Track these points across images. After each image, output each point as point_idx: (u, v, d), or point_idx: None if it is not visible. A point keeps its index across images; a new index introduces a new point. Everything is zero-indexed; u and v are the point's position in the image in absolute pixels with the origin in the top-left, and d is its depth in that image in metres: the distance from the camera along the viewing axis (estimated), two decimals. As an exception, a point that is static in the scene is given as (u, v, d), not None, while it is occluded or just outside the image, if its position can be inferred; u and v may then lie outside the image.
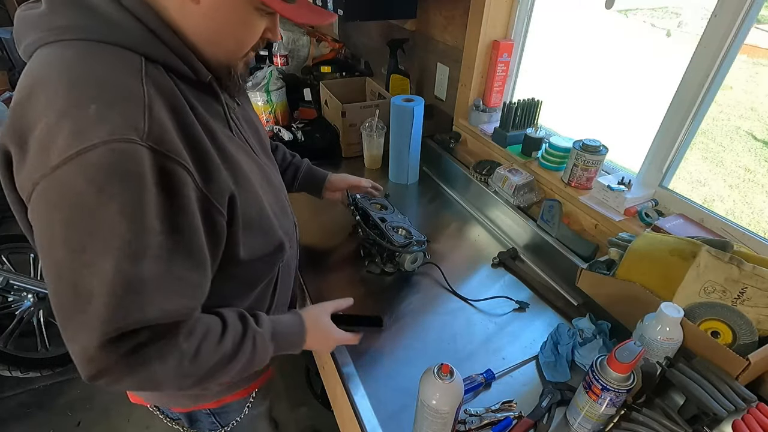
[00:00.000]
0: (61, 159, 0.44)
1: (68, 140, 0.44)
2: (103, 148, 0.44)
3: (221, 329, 0.60)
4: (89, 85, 0.47)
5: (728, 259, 0.74)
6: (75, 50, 0.49)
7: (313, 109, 1.78)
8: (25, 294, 1.83)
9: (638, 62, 3.38)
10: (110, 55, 0.49)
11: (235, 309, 0.66)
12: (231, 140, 0.61)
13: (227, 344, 0.60)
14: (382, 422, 0.74)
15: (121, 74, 0.49)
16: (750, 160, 3.17)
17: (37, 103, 0.47)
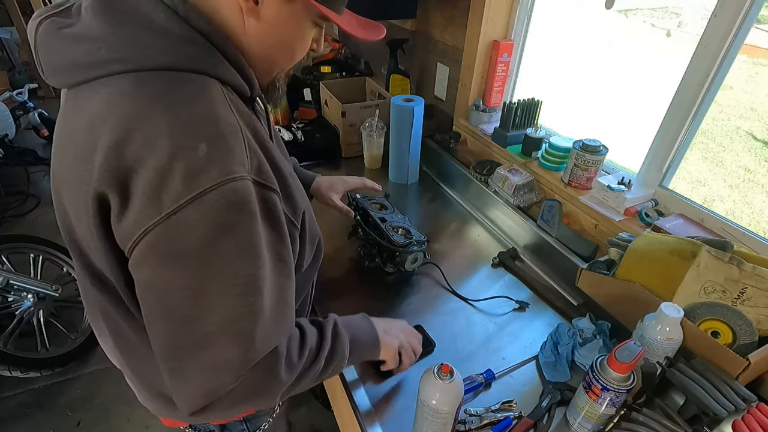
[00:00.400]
0: (178, 204, 0.42)
1: (183, 184, 0.42)
2: (219, 190, 0.43)
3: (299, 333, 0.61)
4: (191, 122, 0.44)
5: (728, 259, 0.74)
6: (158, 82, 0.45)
7: (313, 109, 1.78)
8: (25, 294, 1.83)
9: (638, 62, 3.38)
10: (193, 85, 0.47)
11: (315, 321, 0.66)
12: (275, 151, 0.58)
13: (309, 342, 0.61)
14: (382, 422, 0.74)
15: (215, 107, 0.46)
16: (750, 160, 3.16)
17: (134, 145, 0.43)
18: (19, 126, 3.36)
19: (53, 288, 1.85)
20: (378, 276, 1.07)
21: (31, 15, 0.50)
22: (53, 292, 1.85)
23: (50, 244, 1.98)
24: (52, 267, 2.01)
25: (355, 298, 1.02)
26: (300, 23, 0.54)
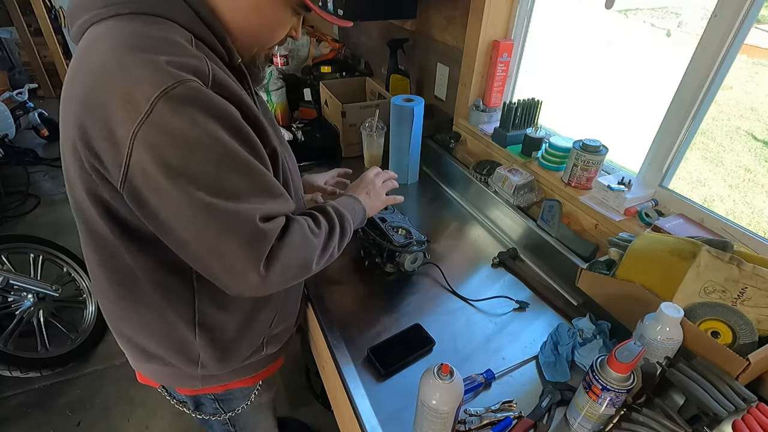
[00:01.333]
0: (151, 103, 0.49)
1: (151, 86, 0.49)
2: (183, 86, 0.50)
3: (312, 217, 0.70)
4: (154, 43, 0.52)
5: (728, 259, 0.74)
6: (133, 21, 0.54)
7: (313, 109, 1.78)
8: (25, 294, 1.84)
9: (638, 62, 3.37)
10: (165, 25, 0.55)
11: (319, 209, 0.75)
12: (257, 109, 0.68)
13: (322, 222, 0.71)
14: (382, 422, 0.74)
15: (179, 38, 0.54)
16: (750, 160, 3.16)
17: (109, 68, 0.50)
18: (19, 126, 3.36)
19: (53, 288, 1.85)
20: (378, 276, 1.07)
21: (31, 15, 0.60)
22: (53, 292, 1.85)
23: (50, 244, 1.98)
24: (52, 267, 2.01)
25: (356, 298, 1.02)
26: (281, 6, 0.62)
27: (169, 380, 0.86)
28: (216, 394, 0.92)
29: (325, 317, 0.95)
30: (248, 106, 0.59)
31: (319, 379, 1.61)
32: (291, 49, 2.16)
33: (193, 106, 0.51)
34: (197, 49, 0.55)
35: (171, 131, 0.50)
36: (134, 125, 0.49)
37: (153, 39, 0.52)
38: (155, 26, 0.54)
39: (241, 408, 0.96)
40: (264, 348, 0.85)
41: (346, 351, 0.87)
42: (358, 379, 0.82)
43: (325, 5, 1.43)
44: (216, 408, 0.95)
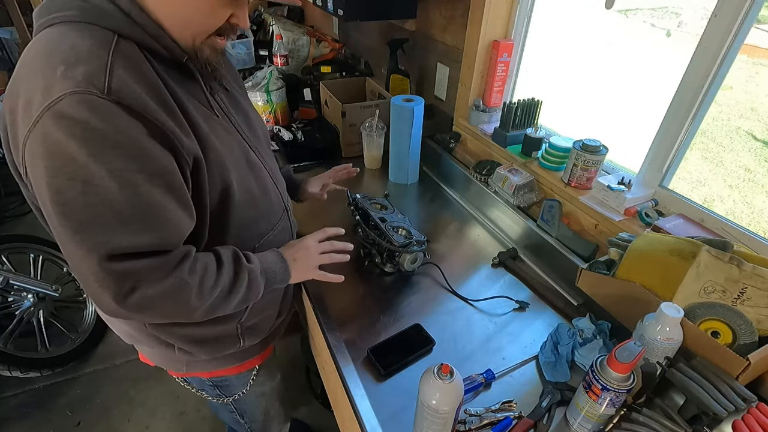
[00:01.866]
0: (38, 114, 0.51)
1: (41, 96, 0.51)
2: (68, 99, 0.51)
3: (216, 266, 0.68)
4: (60, 52, 0.53)
5: (728, 259, 0.74)
6: (57, 29, 0.56)
7: (313, 109, 1.78)
8: (25, 294, 1.84)
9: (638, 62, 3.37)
10: (87, 31, 0.56)
11: (228, 247, 0.72)
12: (208, 118, 0.68)
13: (224, 279, 0.68)
14: (382, 422, 0.74)
15: (91, 44, 0.54)
16: (750, 160, 3.16)
17: (21, 76, 0.55)
18: (19, 126, 3.36)
19: (53, 288, 1.85)
20: (378, 276, 1.07)
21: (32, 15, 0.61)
22: (53, 292, 1.85)
23: (50, 244, 1.98)
24: (52, 267, 2.01)
25: (355, 298, 1.02)
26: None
27: (158, 361, 0.88)
28: (212, 380, 0.94)
29: (325, 317, 0.95)
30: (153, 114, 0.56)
31: (319, 379, 1.61)
32: (291, 50, 2.16)
33: (72, 121, 0.51)
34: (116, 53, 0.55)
35: (48, 144, 0.51)
36: (26, 132, 0.52)
37: (61, 48, 0.53)
38: (74, 33, 0.55)
39: (240, 394, 0.99)
40: (241, 340, 0.87)
41: (346, 351, 0.87)
42: (358, 379, 0.82)
43: (326, 5, 1.43)
44: (217, 393, 0.98)
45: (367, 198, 1.18)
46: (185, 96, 0.64)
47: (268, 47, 2.28)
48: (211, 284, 0.66)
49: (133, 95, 0.54)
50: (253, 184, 0.76)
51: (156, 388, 1.81)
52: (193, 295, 0.64)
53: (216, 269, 0.67)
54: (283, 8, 2.85)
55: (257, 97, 1.64)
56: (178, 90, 0.62)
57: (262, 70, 1.68)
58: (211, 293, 0.66)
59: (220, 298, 0.68)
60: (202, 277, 0.65)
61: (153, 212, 0.58)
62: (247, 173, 0.75)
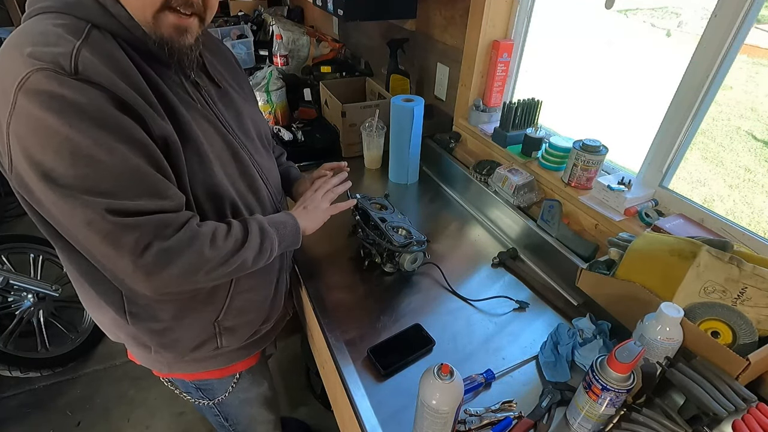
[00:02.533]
0: (12, 95, 0.52)
1: (12, 78, 0.52)
2: (35, 75, 0.52)
3: (226, 225, 0.69)
4: (30, 37, 0.55)
5: (728, 259, 0.74)
6: (33, 20, 0.58)
7: (313, 109, 1.78)
8: (25, 294, 1.83)
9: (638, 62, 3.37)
10: (61, 20, 0.57)
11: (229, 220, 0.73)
12: (191, 107, 0.69)
13: (235, 230, 0.69)
14: (382, 422, 0.74)
15: (61, 30, 0.56)
16: (750, 160, 3.16)
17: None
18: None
19: (53, 288, 1.85)
20: (378, 276, 1.07)
21: None
22: (53, 292, 1.85)
23: (50, 244, 1.97)
24: (52, 267, 2.01)
25: (355, 298, 1.02)
26: None
27: (142, 360, 0.88)
28: (194, 383, 0.94)
29: (325, 317, 0.95)
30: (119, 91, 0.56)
31: (319, 379, 1.61)
32: (291, 50, 2.16)
33: (44, 96, 0.52)
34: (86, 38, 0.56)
35: (28, 121, 0.52)
36: (7, 117, 0.53)
37: (32, 34, 0.55)
38: (47, 21, 0.56)
39: (221, 398, 0.99)
40: (219, 340, 0.85)
41: (346, 351, 0.87)
42: (358, 379, 0.82)
43: (325, 5, 1.43)
44: (200, 395, 0.98)
45: (367, 198, 1.18)
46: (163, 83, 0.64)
47: (268, 47, 2.28)
48: (224, 235, 0.67)
49: (99, 74, 0.55)
50: (238, 179, 0.76)
51: (156, 388, 1.81)
52: (208, 245, 0.64)
53: (226, 226, 0.69)
54: (283, 8, 2.85)
55: (257, 97, 1.64)
56: (157, 79, 0.63)
57: (262, 70, 1.68)
58: (225, 243, 0.67)
59: (235, 249, 0.68)
60: (214, 230, 0.66)
61: (145, 179, 0.58)
62: (232, 168, 0.75)
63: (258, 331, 0.94)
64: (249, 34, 2.40)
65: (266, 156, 0.89)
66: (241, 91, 0.86)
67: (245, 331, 0.90)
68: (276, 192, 0.89)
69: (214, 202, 0.72)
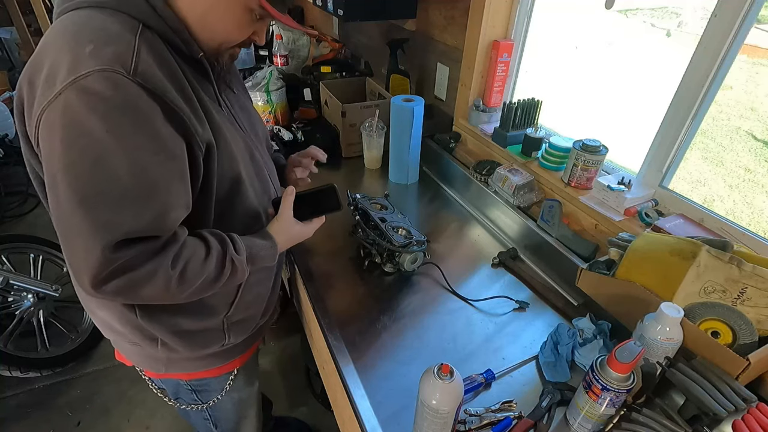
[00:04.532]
0: (62, 86, 0.52)
1: (67, 71, 0.52)
2: (95, 76, 0.52)
3: (205, 253, 0.67)
4: (90, 32, 0.55)
5: (728, 259, 0.74)
6: (86, 12, 0.58)
7: (313, 109, 1.78)
8: (25, 294, 1.83)
9: (638, 62, 3.38)
10: (114, 16, 0.58)
11: (216, 232, 0.71)
12: (218, 112, 0.70)
13: (210, 267, 0.67)
14: (382, 422, 0.74)
15: (119, 28, 0.57)
16: (750, 160, 3.16)
17: (46, 51, 0.56)
18: (19, 126, 3.36)
19: (53, 288, 1.85)
20: (378, 276, 1.07)
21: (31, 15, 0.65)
22: (53, 292, 1.85)
23: (50, 244, 1.98)
24: (52, 267, 2.01)
25: (355, 298, 1.02)
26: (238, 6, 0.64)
27: (136, 359, 0.87)
28: (190, 384, 0.93)
29: (325, 317, 0.95)
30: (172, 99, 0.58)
31: (319, 379, 1.61)
32: (291, 50, 2.16)
33: (95, 96, 0.52)
34: (141, 39, 0.57)
35: (68, 115, 0.53)
36: (45, 102, 0.53)
37: (90, 28, 0.55)
38: (103, 16, 0.57)
39: (217, 399, 0.97)
40: (227, 336, 0.86)
41: (346, 351, 0.87)
42: (358, 379, 0.82)
43: (325, 5, 1.43)
44: (194, 398, 0.96)
45: (367, 198, 1.18)
46: (201, 89, 0.66)
47: (268, 47, 2.28)
48: (195, 272, 0.65)
49: (155, 78, 0.56)
50: (255, 180, 0.78)
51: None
52: (173, 282, 0.63)
53: (203, 258, 0.66)
54: (283, 8, 2.85)
55: (257, 97, 1.64)
56: (196, 85, 0.65)
57: (262, 70, 1.68)
58: (193, 281, 0.65)
59: (203, 285, 0.67)
60: (186, 265, 0.64)
61: (156, 195, 0.58)
62: (251, 168, 0.77)
63: (257, 324, 0.94)
64: (249, 34, 2.39)
65: (269, 157, 0.91)
66: (244, 92, 0.88)
67: (248, 325, 0.90)
68: (279, 191, 0.90)
69: (233, 202, 0.74)
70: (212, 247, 0.68)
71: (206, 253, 0.67)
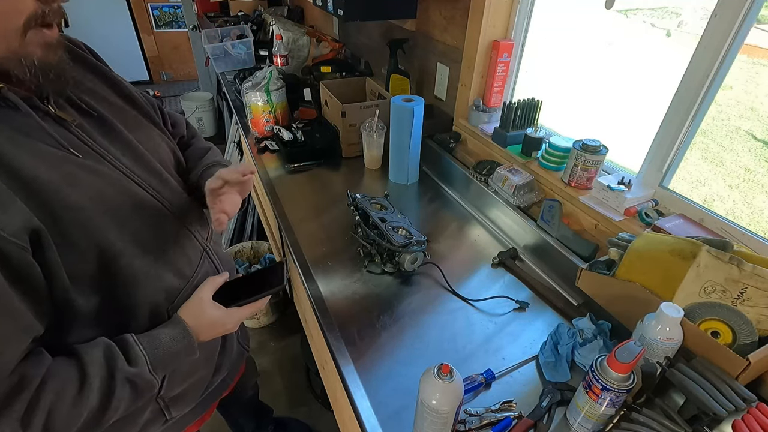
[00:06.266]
0: None
1: None
2: None
3: (78, 385, 0.50)
4: None
5: (728, 259, 0.74)
6: None
7: (313, 109, 1.78)
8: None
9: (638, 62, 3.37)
10: None
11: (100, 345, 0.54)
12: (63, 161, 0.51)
13: (91, 401, 0.50)
14: (382, 422, 0.74)
15: None
16: (750, 160, 3.16)
17: None
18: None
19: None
20: (378, 276, 1.07)
21: None
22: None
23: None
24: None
25: (355, 298, 1.02)
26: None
27: None
28: None
29: (325, 317, 0.95)
30: None
31: (319, 379, 1.61)
32: (291, 50, 2.16)
33: None
34: None
35: None
36: None
37: None
38: None
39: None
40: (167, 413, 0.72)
41: (346, 351, 0.87)
42: (358, 379, 0.82)
43: (325, 5, 1.43)
44: None
45: (367, 198, 1.18)
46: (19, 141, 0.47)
47: (268, 47, 2.28)
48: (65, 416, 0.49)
49: None
50: (145, 232, 0.59)
51: None
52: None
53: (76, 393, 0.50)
54: (283, 8, 2.85)
55: (257, 97, 1.64)
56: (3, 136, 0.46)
57: (262, 70, 1.68)
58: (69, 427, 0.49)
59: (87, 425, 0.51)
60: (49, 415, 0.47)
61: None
62: (134, 220, 0.58)
63: (210, 384, 0.81)
64: (249, 34, 2.40)
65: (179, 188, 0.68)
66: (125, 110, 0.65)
67: (196, 390, 0.77)
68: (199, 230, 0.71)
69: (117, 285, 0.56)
70: (89, 371, 0.50)
71: (80, 384, 0.50)
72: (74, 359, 0.51)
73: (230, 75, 2.28)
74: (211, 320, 0.65)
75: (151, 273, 0.60)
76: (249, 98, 1.65)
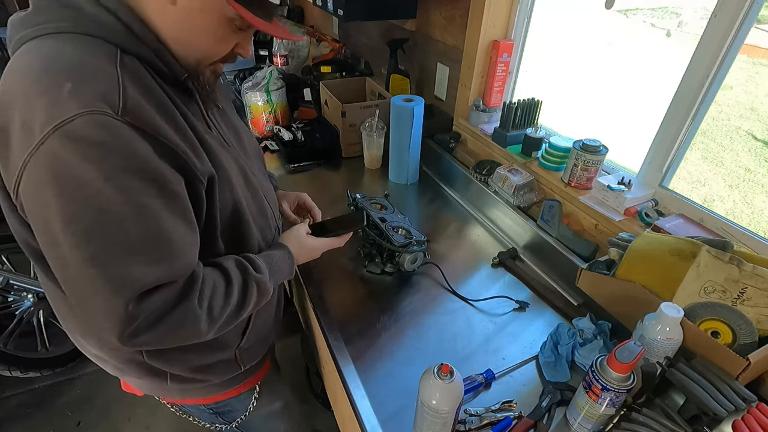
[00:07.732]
0: (44, 134, 0.47)
1: (47, 116, 0.47)
2: (81, 120, 0.47)
3: (225, 283, 0.64)
4: (63, 67, 0.49)
5: (728, 259, 0.74)
6: (53, 41, 0.52)
7: (313, 109, 1.78)
8: (25, 294, 1.83)
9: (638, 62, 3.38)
10: (86, 43, 0.52)
11: (232, 257, 0.68)
12: (211, 136, 0.66)
13: (234, 295, 0.64)
14: (382, 422, 0.74)
15: (96, 58, 0.51)
16: (750, 160, 3.16)
17: (12, 92, 0.50)
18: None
19: (53, 288, 1.84)
20: (378, 276, 1.07)
21: None
22: (53, 292, 1.84)
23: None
24: (52, 267, 2.01)
25: (355, 298, 1.02)
26: (212, 17, 0.57)
27: (149, 390, 0.83)
28: (211, 407, 0.90)
29: (325, 317, 0.95)
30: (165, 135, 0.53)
31: (319, 379, 1.61)
32: (291, 50, 2.16)
33: (84, 143, 0.47)
34: (123, 69, 0.52)
35: (58, 168, 0.48)
36: (26, 154, 0.48)
37: (63, 62, 0.49)
38: (73, 45, 0.51)
39: (242, 418, 0.95)
40: (240, 365, 0.84)
41: (346, 351, 0.87)
42: (358, 379, 0.82)
43: (326, 5, 1.43)
44: (220, 420, 0.93)
45: (367, 198, 1.18)
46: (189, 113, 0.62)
47: (268, 47, 2.28)
48: (221, 305, 0.62)
49: (145, 115, 0.52)
50: (251, 202, 0.74)
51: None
52: (203, 322, 0.60)
53: (225, 289, 0.64)
54: (283, 8, 2.85)
55: (257, 97, 1.64)
56: (186, 111, 0.61)
57: (262, 70, 1.68)
58: (221, 315, 0.63)
59: (230, 315, 0.65)
60: (210, 302, 0.61)
61: (167, 240, 0.54)
62: (246, 191, 0.72)
63: (268, 344, 0.93)
64: (249, 34, 2.39)
65: (264, 174, 0.86)
66: (230, 105, 0.82)
67: (261, 348, 0.89)
68: (276, 212, 0.86)
69: (236, 229, 0.70)
70: (231, 274, 0.65)
71: (227, 283, 0.64)
72: (218, 268, 0.65)
73: (230, 75, 2.27)
74: (306, 246, 0.84)
75: (254, 233, 0.74)
76: (249, 98, 1.65)
